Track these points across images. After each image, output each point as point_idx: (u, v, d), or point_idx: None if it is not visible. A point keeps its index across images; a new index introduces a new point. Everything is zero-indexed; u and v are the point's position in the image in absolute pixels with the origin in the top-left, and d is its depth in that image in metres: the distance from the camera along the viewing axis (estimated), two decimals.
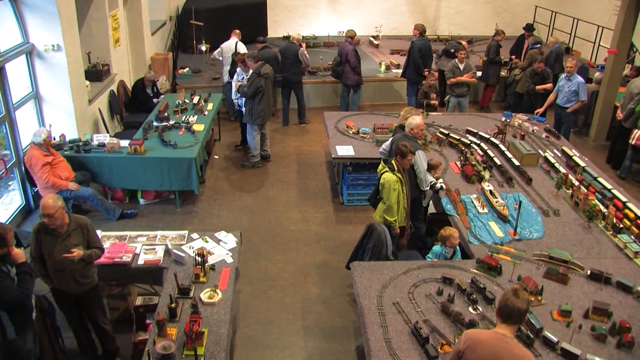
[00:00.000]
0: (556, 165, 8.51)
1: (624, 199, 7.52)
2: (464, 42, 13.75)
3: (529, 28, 14.12)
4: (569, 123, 11.17)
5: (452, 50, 12.71)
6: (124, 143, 9.01)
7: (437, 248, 6.61)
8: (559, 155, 9.04)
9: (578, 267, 6.14)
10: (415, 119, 7.53)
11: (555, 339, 5.00)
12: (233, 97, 11.00)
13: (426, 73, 12.49)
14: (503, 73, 14.13)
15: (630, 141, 10.48)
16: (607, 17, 15.13)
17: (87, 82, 10.21)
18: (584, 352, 4.95)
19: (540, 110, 11.13)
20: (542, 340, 5.06)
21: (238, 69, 10.66)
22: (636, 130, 10.41)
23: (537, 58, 11.96)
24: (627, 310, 5.59)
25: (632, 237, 6.78)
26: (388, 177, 6.70)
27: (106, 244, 6.28)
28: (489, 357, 4.00)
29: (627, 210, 7.25)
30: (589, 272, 6.05)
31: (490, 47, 13.58)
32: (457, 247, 6.62)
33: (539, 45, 13.22)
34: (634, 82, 11.03)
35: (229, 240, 6.58)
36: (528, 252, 6.44)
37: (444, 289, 5.73)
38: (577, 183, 7.92)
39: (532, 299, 5.63)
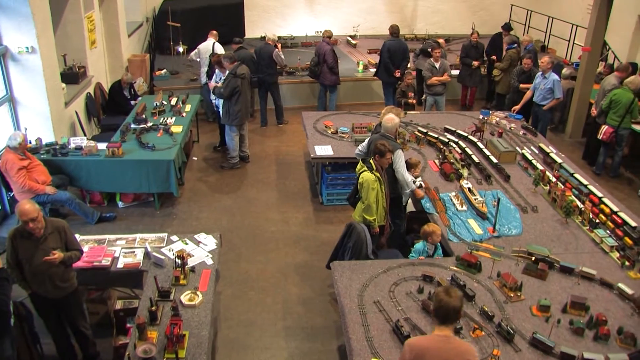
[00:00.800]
0: (533, 162, 8.61)
1: (599, 194, 7.62)
2: (441, 41, 13.83)
3: (507, 28, 14.12)
4: (545, 120, 11.30)
5: (429, 50, 12.77)
6: (102, 146, 8.94)
7: (419, 246, 6.64)
8: (536, 152, 9.14)
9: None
10: (393, 120, 7.54)
11: (551, 344, 5.03)
12: (211, 97, 10.97)
13: (397, 74, 12.55)
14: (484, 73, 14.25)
15: (598, 136, 10.65)
16: (580, 15, 15.31)
17: (63, 85, 10.11)
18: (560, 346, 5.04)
19: (517, 107, 11.25)
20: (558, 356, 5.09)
21: (216, 70, 10.64)
22: (604, 126, 10.59)
23: (526, 56, 12.14)
24: (603, 303, 5.69)
25: (608, 231, 6.89)
26: (366, 177, 6.73)
27: (85, 248, 6.23)
28: None
29: (602, 206, 7.36)
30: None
31: (462, 47, 13.79)
32: (439, 244, 6.67)
33: (516, 45, 13.31)
34: (606, 79, 11.21)
35: (209, 242, 6.57)
36: (507, 249, 6.52)
37: (425, 287, 5.77)
38: (554, 179, 8.01)
39: (512, 295, 5.70)
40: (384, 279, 5.93)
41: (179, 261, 5.85)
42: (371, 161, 6.84)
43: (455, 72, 14.39)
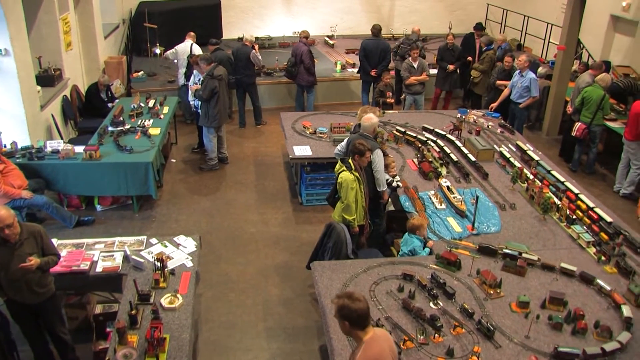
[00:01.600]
0: (511, 159, 8.68)
1: (576, 190, 7.72)
2: (416, 29, 13.85)
3: (480, 27, 14.10)
4: (522, 118, 11.42)
5: (407, 57, 12.69)
6: (79, 149, 8.87)
7: (416, 242, 6.59)
8: (514, 149, 9.22)
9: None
10: (371, 119, 7.56)
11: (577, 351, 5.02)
12: (190, 99, 10.92)
13: (373, 73, 12.64)
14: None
15: (572, 133, 10.80)
16: (555, 15, 15.50)
17: (39, 88, 10.00)
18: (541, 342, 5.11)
19: (495, 105, 11.35)
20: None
21: (195, 71, 10.60)
22: (577, 123, 10.74)
23: (507, 54, 12.27)
24: (581, 298, 5.77)
25: (585, 227, 6.98)
26: (345, 176, 6.75)
27: (63, 253, 6.18)
28: (390, 356, 4.12)
29: (579, 202, 7.46)
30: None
31: (438, 50, 13.62)
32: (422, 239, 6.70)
33: (492, 46, 13.39)
34: (581, 77, 11.39)
35: (188, 244, 6.54)
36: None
37: (405, 286, 5.80)
38: (531, 177, 8.10)
39: (492, 292, 5.76)
40: (364, 279, 5.95)
41: (158, 264, 5.82)
42: (350, 161, 6.86)
43: (434, 71, 14.47)
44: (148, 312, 5.33)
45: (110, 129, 9.77)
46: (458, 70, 13.74)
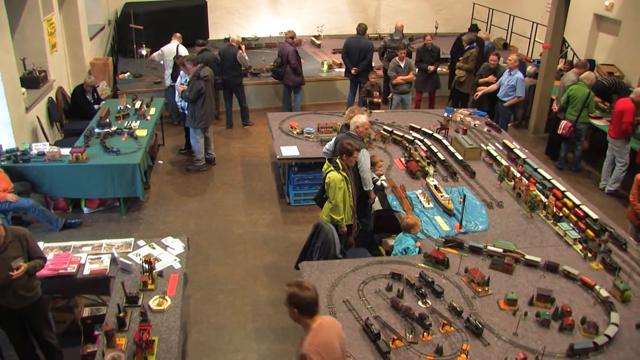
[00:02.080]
0: (498, 158, 8.73)
1: (562, 188, 7.78)
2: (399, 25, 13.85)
3: (475, 29, 13.98)
4: (505, 116, 11.53)
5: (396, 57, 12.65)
6: (65, 151, 8.82)
7: (410, 241, 6.60)
8: (501, 148, 9.27)
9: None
10: (361, 118, 7.56)
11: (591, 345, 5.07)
12: (177, 100, 10.89)
13: (353, 71, 12.71)
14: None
15: (558, 131, 10.88)
16: (540, 14, 15.61)
17: (23, 90, 9.93)
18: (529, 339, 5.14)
19: (479, 93, 11.47)
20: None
21: (181, 72, 10.58)
22: (563, 121, 10.82)
23: (492, 52, 12.31)
24: (568, 295, 5.81)
25: (571, 224, 7.04)
26: (333, 176, 6.76)
27: (49, 256, 6.15)
28: (337, 343, 4.23)
29: (565, 199, 7.51)
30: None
31: (416, 52, 13.35)
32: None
33: (474, 44, 13.41)
34: (566, 76, 11.48)
35: (176, 245, 6.53)
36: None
37: (393, 285, 5.81)
38: (518, 175, 8.14)
39: (480, 290, 5.79)
40: (352, 278, 5.96)
41: (146, 266, 5.80)
42: (338, 161, 6.87)
43: None
44: (136, 314, 5.31)
45: (96, 130, 9.72)
46: (446, 70, 13.76)
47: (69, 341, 6.25)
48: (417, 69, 12.61)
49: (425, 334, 5.16)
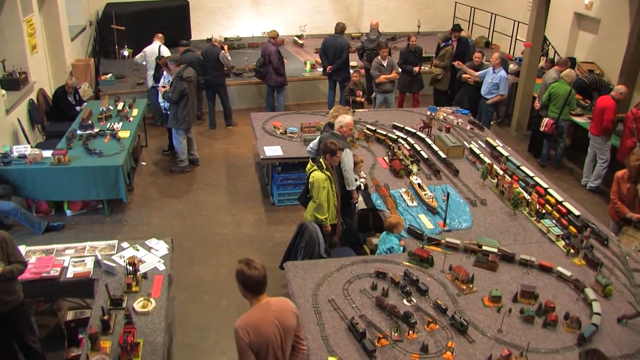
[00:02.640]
0: (481, 156, 8.78)
1: (545, 185, 7.84)
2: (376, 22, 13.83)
3: (457, 29, 13.80)
4: (488, 114, 11.62)
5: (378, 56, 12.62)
6: (47, 153, 8.75)
7: (395, 240, 6.62)
8: (484, 146, 9.33)
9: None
10: (346, 118, 7.57)
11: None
12: (160, 101, 10.84)
13: (328, 69, 12.79)
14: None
15: (540, 128, 10.97)
16: (521, 12, 15.71)
17: (3, 92, 9.82)
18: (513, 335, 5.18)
19: (467, 75, 11.79)
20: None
21: (165, 73, 10.53)
22: (545, 118, 10.91)
23: (480, 50, 12.47)
24: (551, 290, 5.87)
25: (554, 221, 7.10)
26: (317, 176, 6.76)
27: (32, 259, 6.10)
28: (274, 326, 4.25)
29: (548, 196, 7.57)
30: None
31: (400, 53, 13.16)
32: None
33: (450, 42, 13.41)
34: (548, 74, 11.56)
35: (160, 247, 6.51)
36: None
37: (378, 284, 5.83)
38: (501, 172, 8.19)
39: (464, 287, 5.82)
40: (337, 277, 5.97)
41: (130, 268, 5.78)
42: (321, 160, 6.88)
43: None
44: (121, 317, 5.29)
45: (78, 132, 9.65)
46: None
47: (52, 345, 6.20)
48: (400, 70, 12.59)
49: (410, 332, 5.18)
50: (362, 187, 7.69)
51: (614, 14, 12.47)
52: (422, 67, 13.41)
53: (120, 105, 10.93)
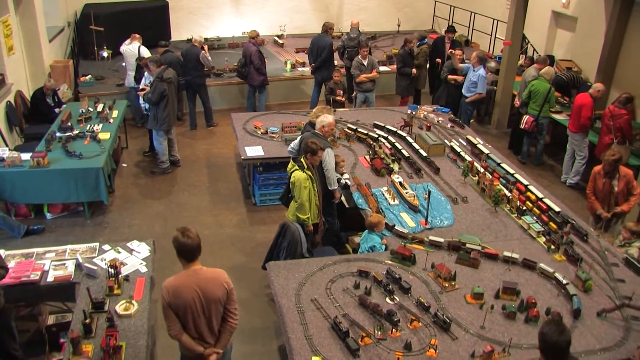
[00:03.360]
0: (462, 153, 8.84)
1: (525, 182, 7.92)
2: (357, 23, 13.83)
3: (451, 30, 13.79)
4: (467, 112, 11.69)
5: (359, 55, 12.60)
6: (26, 156, 8.66)
7: (377, 239, 6.64)
8: (464, 144, 9.38)
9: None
10: (327, 118, 7.59)
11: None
12: (141, 102, 10.77)
13: (310, 67, 12.95)
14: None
15: (520, 126, 11.06)
16: (500, 11, 15.81)
17: None
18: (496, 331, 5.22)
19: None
20: None
21: (146, 73, 10.47)
22: (525, 116, 11.01)
23: (461, 48, 12.61)
24: (532, 286, 5.93)
25: (535, 217, 7.16)
26: (298, 176, 6.77)
27: (11, 264, 6.03)
28: (194, 292, 4.58)
29: (529, 193, 7.66)
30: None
31: (397, 56, 13.03)
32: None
33: (426, 41, 13.43)
34: (527, 71, 11.67)
35: (142, 249, 6.47)
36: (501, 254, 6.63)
37: (361, 282, 5.84)
38: (482, 170, 8.26)
39: (447, 285, 5.85)
40: (320, 277, 5.97)
41: (112, 271, 5.74)
42: (302, 160, 6.88)
43: (384, 67, 14.58)
44: (103, 320, 5.25)
45: (58, 134, 9.56)
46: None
47: (33, 351, 6.13)
48: (380, 70, 12.61)
49: (393, 330, 5.20)
50: (348, 184, 7.70)
51: (591, 12, 12.61)
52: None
53: (100, 107, 10.84)
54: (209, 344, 4.81)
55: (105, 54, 14.12)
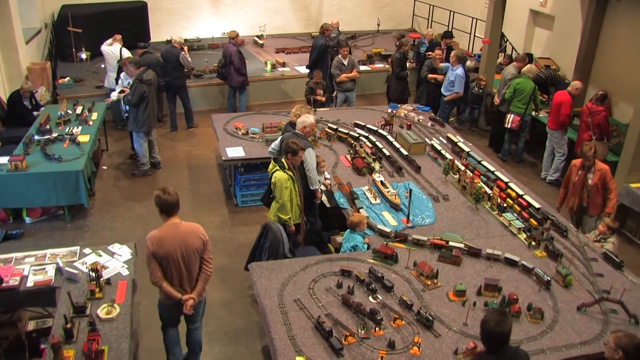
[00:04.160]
0: (442, 152, 8.89)
1: (506, 179, 7.99)
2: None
3: (449, 35, 13.65)
4: (445, 110, 11.77)
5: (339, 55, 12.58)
6: (3, 160, 8.56)
7: (359, 238, 6.65)
8: (445, 142, 9.44)
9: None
10: (309, 118, 7.59)
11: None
12: (111, 98, 10.71)
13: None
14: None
15: (506, 125, 11.13)
16: (479, 10, 15.91)
17: None
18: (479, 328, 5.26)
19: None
20: None
21: (122, 74, 10.40)
22: (509, 115, 11.08)
23: (441, 47, 12.64)
24: (514, 283, 5.99)
25: (515, 214, 7.23)
26: (279, 176, 6.76)
27: None
28: (176, 243, 5.26)
29: (509, 190, 7.73)
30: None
31: (393, 60, 12.78)
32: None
33: (404, 40, 13.43)
34: (506, 69, 11.77)
35: (124, 252, 6.44)
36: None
37: (343, 282, 5.86)
38: (463, 168, 8.31)
39: (429, 283, 5.88)
40: (302, 277, 5.98)
41: (93, 274, 5.69)
42: (283, 160, 6.87)
43: (364, 67, 14.60)
44: (84, 324, 5.21)
45: (36, 137, 9.46)
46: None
47: (12, 358, 6.04)
48: (360, 69, 12.64)
49: (377, 329, 5.22)
50: (321, 190, 7.69)
51: (568, 11, 12.74)
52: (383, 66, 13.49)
53: (79, 109, 10.74)
54: (187, 292, 5.46)
55: (83, 56, 13.99)
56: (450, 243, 6.47)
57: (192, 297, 5.47)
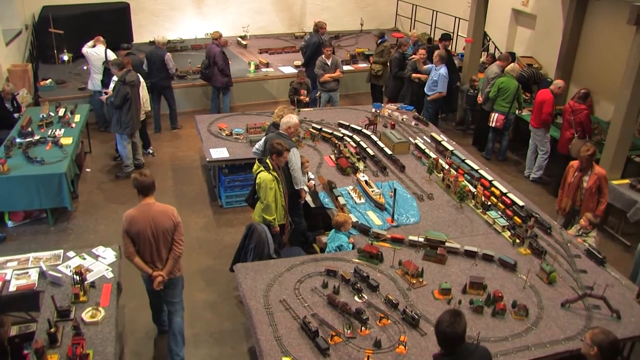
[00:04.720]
0: (426, 151, 8.92)
1: (490, 177, 8.04)
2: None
3: (447, 38, 13.21)
4: (429, 110, 11.82)
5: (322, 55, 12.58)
6: None
7: (344, 238, 6.67)
8: (429, 141, 9.47)
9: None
10: (293, 119, 7.58)
11: None
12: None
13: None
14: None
15: (490, 124, 11.19)
16: (462, 9, 15.98)
17: None
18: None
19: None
20: None
21: (114, 77, 10.33)
22: (494, 114, 11.14)
23: (424, 46, 12.66)
24: (499, 280, 6.03)
25: (499, 212, 7.28)
26: (264, 177, 6.75)
27: None
28: (147, 221, 5.65)
29: (493, 189, 7.77)
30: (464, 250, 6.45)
31: (392, 60, 12.80)
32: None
33: (386, 38, 13.43)
34: (489, 68, 11.83)
35: (108, 254, 6.40)
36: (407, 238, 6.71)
37: (329, 282, 5.87)
38: (447, 166, 8.35)
39: (414, 282, 5.90)
40: (288, 277, 5.98)
41: (77, 277, 5.66)
42: (268, 161, 6.86)
43: (347, 67, 14.60)
44: (69, 328, 5.17)
45: (18, 140, 9.38)
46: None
47: None
48: (343, 69, 12.66)
49: (363, 328, 5.24)
50: (306, 190, 7.68)
51: (549, 10, 12.85)
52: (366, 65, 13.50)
53: (61, 111, 10.65)
54: (157, 269, 5.83)
55: (65, 57, 13.86)
56: (447, 244, 6.49)
57: (161, 274, 5.81)
